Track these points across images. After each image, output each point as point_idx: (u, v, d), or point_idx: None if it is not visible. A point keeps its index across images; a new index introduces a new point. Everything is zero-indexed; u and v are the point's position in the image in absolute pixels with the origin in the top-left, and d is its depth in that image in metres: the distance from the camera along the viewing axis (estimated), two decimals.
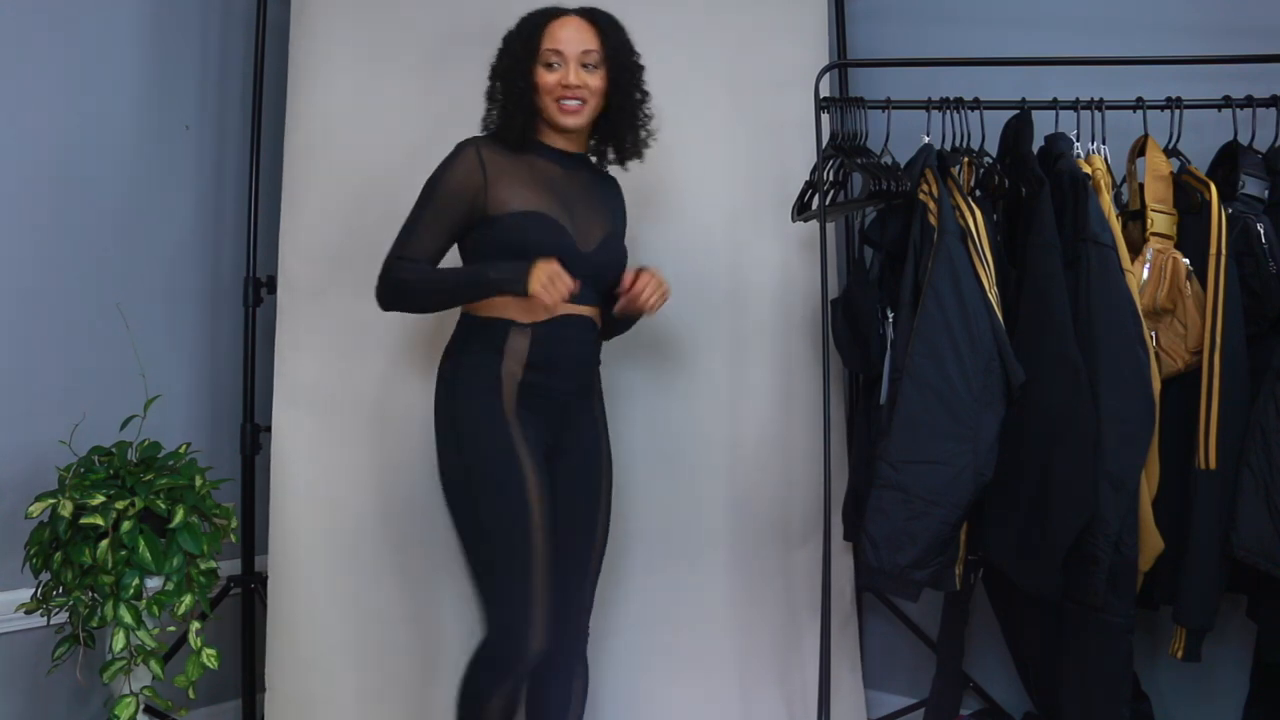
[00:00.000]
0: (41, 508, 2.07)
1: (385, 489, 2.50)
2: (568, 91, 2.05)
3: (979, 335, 2.06)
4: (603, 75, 2.08)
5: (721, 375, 2.59)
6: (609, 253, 2.12)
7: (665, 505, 2.54)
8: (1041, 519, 2.05)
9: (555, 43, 2.06)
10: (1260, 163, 2.18)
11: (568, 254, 2.01)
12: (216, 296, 2.77)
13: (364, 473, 2.49)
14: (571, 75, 2.04)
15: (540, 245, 2.00)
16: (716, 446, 2.58)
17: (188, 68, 2.73)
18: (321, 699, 2.46)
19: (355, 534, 2.50)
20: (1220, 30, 2.41)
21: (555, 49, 2.05)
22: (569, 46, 2.05)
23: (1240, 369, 2.05)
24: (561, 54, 2.05)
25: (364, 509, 2.50)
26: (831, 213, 2.39)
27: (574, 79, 2.04)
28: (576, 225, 2.08)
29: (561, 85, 2.05)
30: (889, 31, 2.86)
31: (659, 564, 2.53)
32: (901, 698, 2.76)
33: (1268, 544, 1.97)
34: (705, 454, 2.57)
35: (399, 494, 2.49)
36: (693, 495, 2.56)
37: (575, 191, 2.11)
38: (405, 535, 2.49)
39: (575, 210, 2.09)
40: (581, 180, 2.15)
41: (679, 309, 2.54)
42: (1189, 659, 2.08)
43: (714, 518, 2.56)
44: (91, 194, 2.51)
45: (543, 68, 2.06)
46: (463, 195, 2.04)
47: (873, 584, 2.13)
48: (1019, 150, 2.23)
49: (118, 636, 2.04)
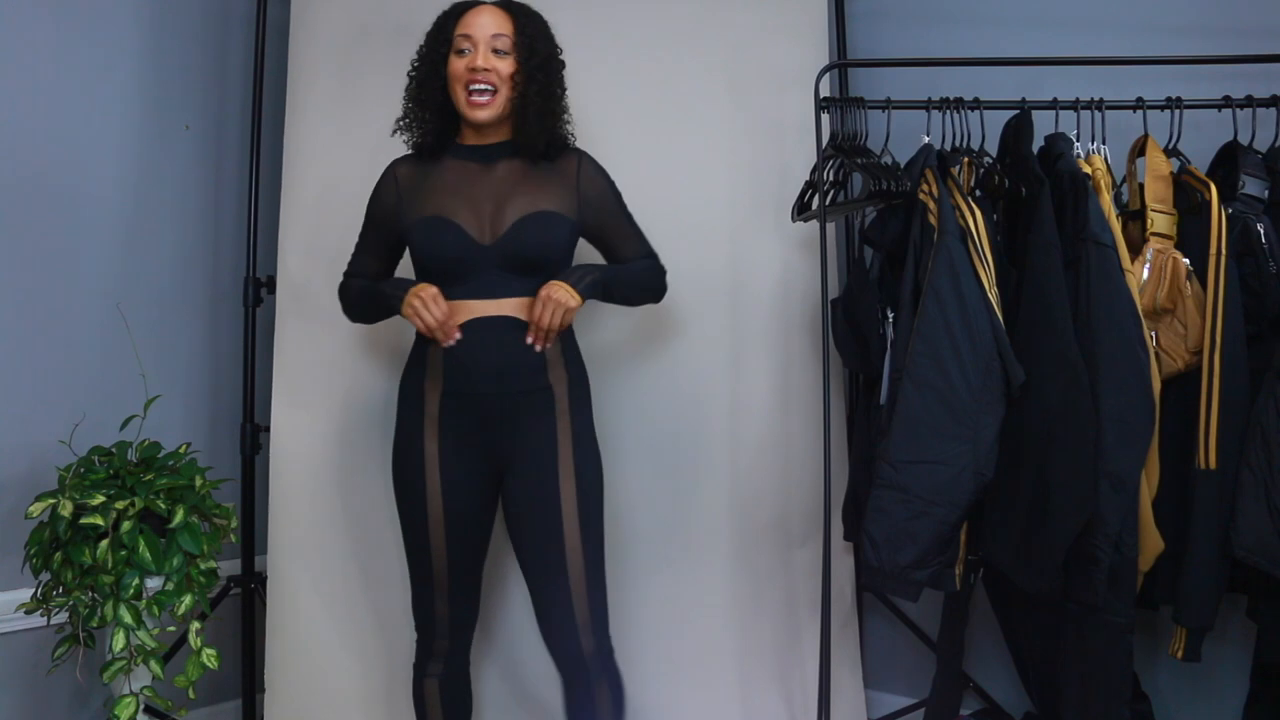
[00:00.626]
0: (41, 508, 2.07)
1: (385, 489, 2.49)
2: (475, 75, 2.04)
3: (979, 335, 2.06)
4: (514, 61, 2.06)
5: (721, 375, 2.59)
6: (519, 235, 2.04)
7: (665, 505, 2.54)
8: (1041, 519, 2.05)
9: (466, 28, 2.06)
10: (1260, 163, 2.18)
11: (465, 251, 2.04)
12: (216, 296, 2.77)
13: (364, 473, 2.49)
14: (480, 59, 2.03)
15: (434, 248, 2.06)
16: (716, 446, 2.58)
17: (188, 68, 2.74)
18: (321, 699, 2.46)
19: (355, 534, 2.50)
20: (1220, 30, 2.41)
21: (466, 34, 2.06)
22: (479, 31, 2.05)
23: (1240, 369, 2.05)
24: (471, 38, 2.05)
25: (364, 509, 2.50)
26: (831, 213, 2.39)
27: (481, 62, 2.03)
28: (482, 219, 2.06)
29: (469, 69, 2.04)
30: (889, 31, 2.86)
31: (659, 564, 2.53)
32: (901, 698, 2.76)
33: (1268, 544, 1.97)
34: (705, 454, 2.57)
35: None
36: (693, 495, 2.56)
37: (490, 184, 2.09)
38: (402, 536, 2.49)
39: (483, 204, 2.07)
40: (503, 170, 2.11)
41: (679, 309, 2.55)
42: (1189, 659, 2.08)
43: (714, 518, 2.56)
44: (92, 194, 2.51)
45: (454, 55, 2.07)
46: (384, 215, 2.17)
47: (873, 584, 2.13)
48: (1019, 150, 2.23)
49: (118, 636, 2.04)
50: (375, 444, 2.51)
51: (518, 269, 2.05)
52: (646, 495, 2.52)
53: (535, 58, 2.07)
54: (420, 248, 2.08)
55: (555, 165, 2.14)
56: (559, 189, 2.11)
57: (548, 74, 2.09)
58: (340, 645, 2.48)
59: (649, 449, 2.54)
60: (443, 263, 2.06)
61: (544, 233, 2.06)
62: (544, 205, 2.08)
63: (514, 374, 2.05)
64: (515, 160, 2.13)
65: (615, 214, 2.18)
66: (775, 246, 2.61)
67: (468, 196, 2.08)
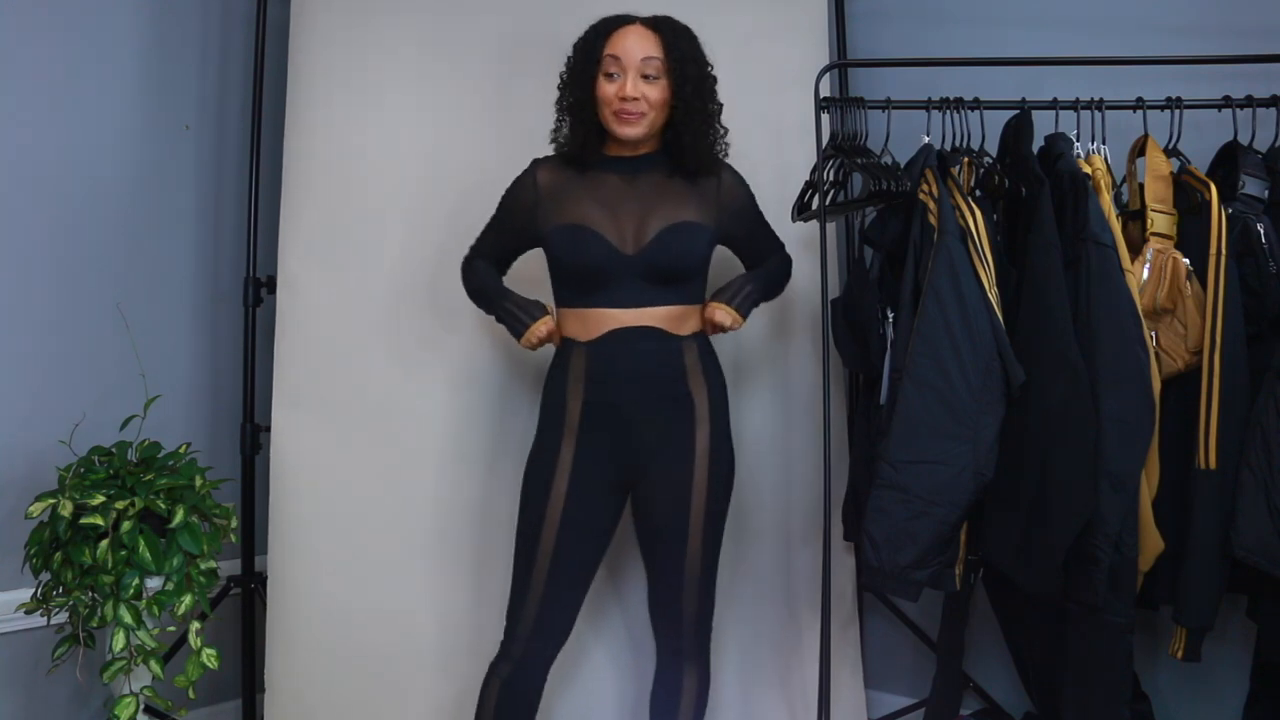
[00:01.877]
0: (41, 508, 2.07)
1: (385, 489, 2.50)
2: (625, 106, 2.04)
3: (979, 335, 2.06)
4: (664, 86, 2.07)
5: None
6: (662, 246, 2.08)
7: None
8: (1041, 519, 2.05)
9: (615, 49, 2.05)
10: (1260, 163, 2.18)
11: (608, 260, 2.06)
12: (216, 296, 2.77)
13: (364, 473, 2.49)
14: (629, 87, 2.03)
15: (576, 255, 2.08)
16: None
17: (188, 68, 2.74)
18: (321, 699, 2.46)
19: (355, 534, 2.50)
20: (1220, 30, 2.41)
21: (614, 55, 2.05)
22: (629, 55, 2.04)
23: (1240, 369, 2.05)
24: (620, 61, 2.05)
25: (364, 509, 2.50)
26: (831, 213, 2.39)
27: (631, 90, 2.03)
28: (624, 230, 2.08)
29: (619, 97, 2.04)
30: (889, 31, 2.86)
31: None
32: (901, 698, 2.76)
33: (1268, 544, 1.96)
34: None
35: (399, 494, 2.49)
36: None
37: (634, 196, 2.12)
38: (406, 535, 2.49)
39: (625, 216, 2.10)
40: (646, 182, 2.13)
41: None
42: (1189, 659, 2.08)
43: None
44: (92, 194, 2.51)
45: (603, 78, 2.07)
46: (516, 211, 2.19)
47: (873, 584, 2.13)
48: (1019, 150, 2.23)
49: (118, 636, 2.04)
50: (375, 444, 2.51)
51: (658, 279, 2.08)
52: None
53: (688, 83, 2.07)
54: (561, 254, 2.11)
55: (694, 181, 2.17)
56: (700, 200, 2.15)
57: (701, 96, 2.09)
58: (340, 645, 2.48)
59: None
60: (584, 270, 2.08)
61: (685, 244, 2.10)
62: (686, 216, 2.11)
63: (654, 382, 2.09)
64: (658, 172, 2.15)
65: (754, 221, 2.27)
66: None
67: (611, 207, 2.10)
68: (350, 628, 2.49)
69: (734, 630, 2.54)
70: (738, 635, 2.55)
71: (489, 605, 2.40)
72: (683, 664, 2.16)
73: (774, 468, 2.58)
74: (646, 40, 2.06)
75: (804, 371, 2.60)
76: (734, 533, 2.56)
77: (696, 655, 2.17)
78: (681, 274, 2.11)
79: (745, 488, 2.57)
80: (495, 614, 2.51)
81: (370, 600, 2.49)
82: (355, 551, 2.50)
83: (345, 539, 2.50)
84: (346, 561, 2.50)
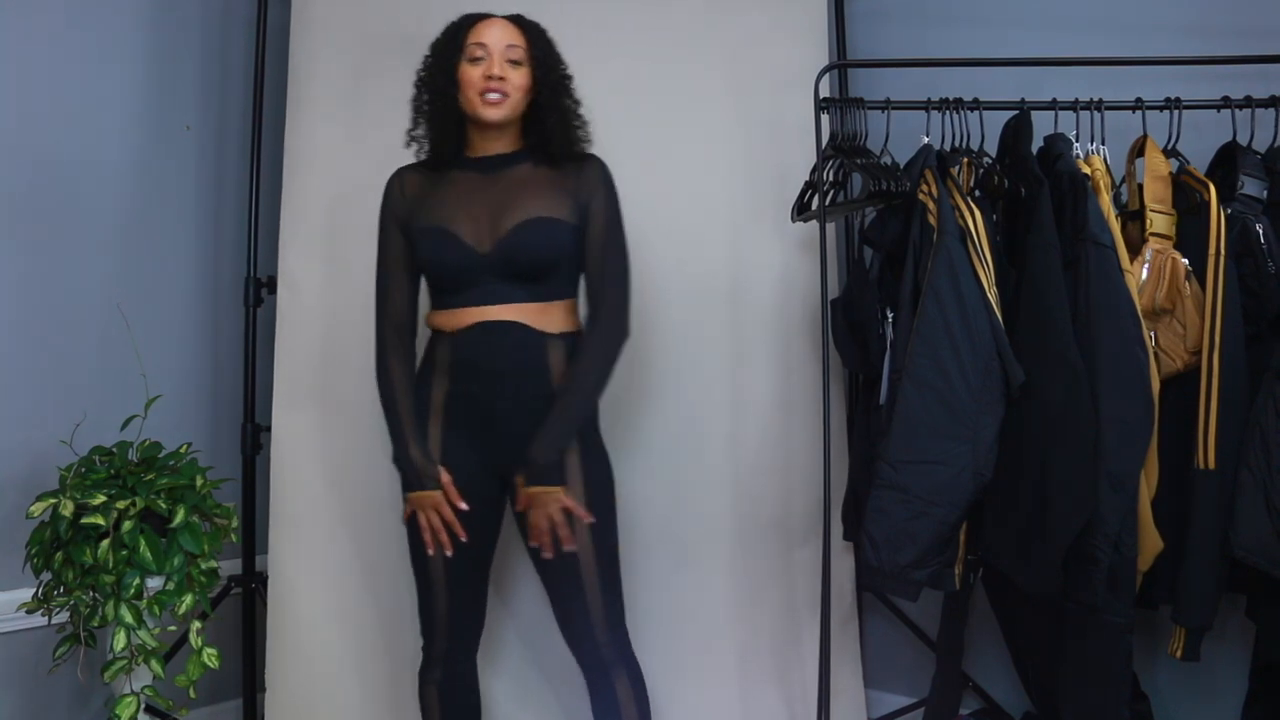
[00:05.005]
0: (42, 507, 2.07)
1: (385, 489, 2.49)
2: (490, 84, 2.05)
3: (978, 335, 2.06)
4: (527, 73, 2.08)
5: (721, 375, 2.59)
6: (516, 243, 2.04)
7: (665, 505, 2.54)
8: (1041, 519, 2.05)
9: (480, 37, 2.08)
10: (1259, 163, 2.18)
11: (465, 260, 2.06)
12: (216, 296, 2.78)
13: (364, 473, 2.49)
14: (495, 67, 2.05)
15: (435, 257, 2.08)
16: (716, 446, 2.58)
17: (188, 68, 2.74)
18: (321, 699, 2.46)
19: (355, 534, 2.50)
20: (1220, 30, 2.41)
21: (480, 42, 2.07)
22: (494, 41, 2.07)
23: (1239, 369, 2.05)
24: (486, 47, 2.07)
25: (364, 509, 2.50)
26: (831, 213, 2.40)
27: (498, 70, 2.05)
28: (481, 228, 2.07)
29: (485, 77, 2.06)
30: (889, 31, 2.86)
31: (659, 564, 2.53)
32: (901, 698, 2.76)
33: (1267, 544, 1.97)
34: (705, 454, 2.57)
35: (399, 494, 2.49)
36: (693, 495, 2.56)
37: (492, 194, 2.10)
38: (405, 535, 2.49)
39: (482, 214, 2.08)
40: (505, 179, 2.12)
41: (679, 309, 2.55)
42: (1188, 658, 2.08)
43: (714, 518, 2.56)
44: (92, 194, 2.51)
45: (467, 63, 2.08)
46: (394, 225, 2.15)
47: (873, 584, 2.13)
48: (1018, 150, 2.23)
49: (118, 636, 2.04)
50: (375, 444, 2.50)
51: (516, 276, 2.06)
52: (647, 495, 2.52)
53: (551, 73, 2.09)
54: (423, 257, 2.10)
55: (562, 171, 2.13)
56: (560, 193, 2.10)
57: (563, 84, 2.11)
58: (340, 645, 2.48)
59: (650, 449, 2.54)
60: (444, 272, 2.08)
61: (539, 239, 2.06)
62: (542, 212, 2.07)
63: (515, 377, 2.06)
64: (519, 169, 2.13)
65: (603, 228, 2.12)
66: (775, 247, 2.61)
67: (468, 206, 2.10)
68: (350, 628, 2.49)
69: (734, 630, 2.55)
70: (738, 635, 2.55)
71: (495, 608, 2.40)
72: (609, 672, 2.11)
73: (774, 468, 2.59)
74: (510, 31, 2.09)
75: (804, 371, 2.61)
76: (734, 532, 2.57)
77: (619, 658, 2.11)
78: (540, 270, 2.06)
79: (746, 488, 2.58)
80: (495, 614, 2.51)
81: (370, 600, 2.50)
82: (355, 551, 2.50)
83: (345, 539, 2.50)
84: (346, 561, 2.50)
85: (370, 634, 2.49)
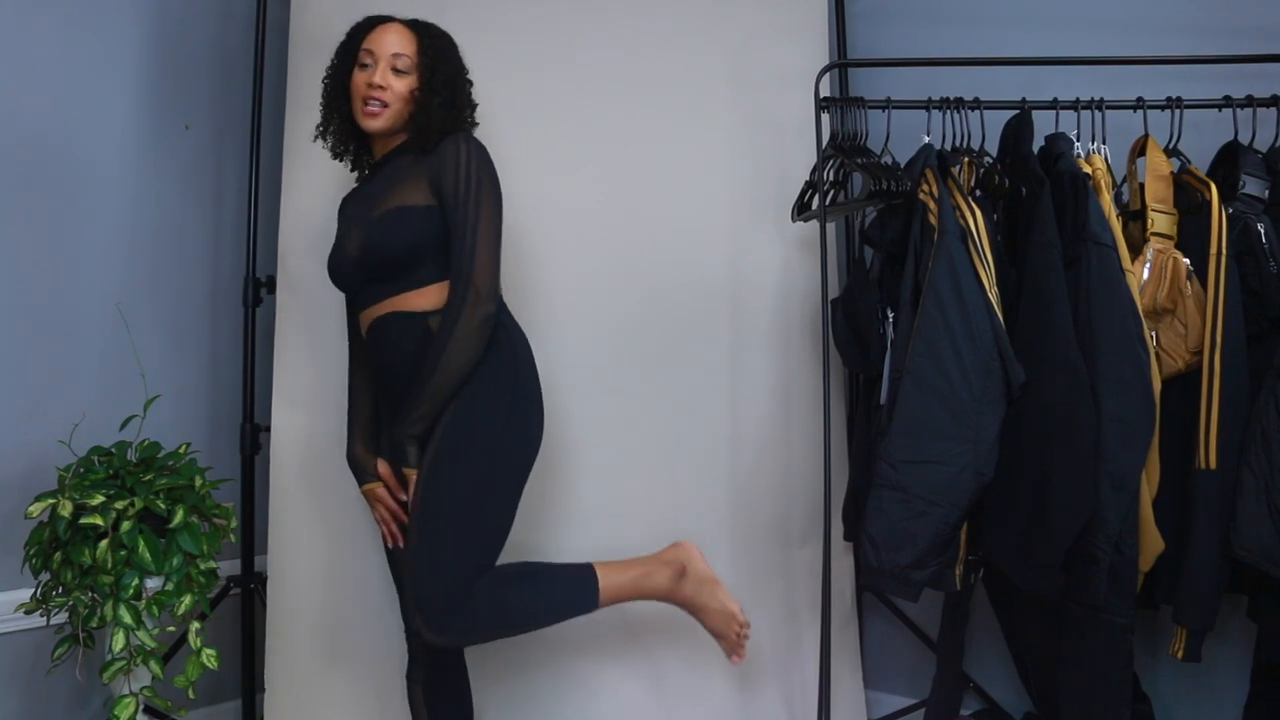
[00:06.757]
0: (41, 508, 2.07)
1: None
2: (370, 92, 2.07)
3: (979, 335, 2.06)
4: (412, 81, 2.09)
5: (721, 375, 2.59)
6: (369, 243, 2.05)
7: (665, 505, 2.54)
8: (1042, 519, 2.05)
9: (370, 44, 2.10)
10: (1260, 162, 2.18)
11: (340, 267, 2.14)
12: (216, 296, 2.77)
13: None
14: (378, 75, 2.06)
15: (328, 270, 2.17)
16: (716, 446, 2.58)
17: (188, 67, 2.74)
18: (321, 699, 2.46)
19: (355, 534, 2.50)
20: (1220, 30, 2.41)
21: (369, 49, 2.10)
22: (381, 48, 2.09)
23: (1240, 369, 2.05)
24: (374, 54, 2.09)
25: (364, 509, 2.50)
26: (831, 213, 2.40)
27: (379, 79, 2.06)
28: (353, 233, 2.11)
29: (366, 84, 2.07)
30: (889, 31, 2.86)
31: None
32: (901, 698, 2.76)
33: (1268, 544, 1.96)
34: (705, 454, 2.57)
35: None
36: (693, 495, 2.56)
37: (368, 196, 2.12)
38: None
39: (357, 219, 2.12)
40: (382, 178, 2.12)
41: (679, 309, 2.55)
42: (1189, 659, 2.08)
43: (714, 518, 2.56)
44: (91, 194, 2.51)
45: (357, 69, 2.11)
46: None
47: (873, 584, 2.13)
48: (1019, 150, 2.23)
49: (117, 636, 2.04)
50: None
51: (382, 270, 2.06)
52: (647, 495, 2.52)
53: (438, 76, 2.08)
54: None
55: (425, 157, 2.08)
56: (418, 180, 2.05)
57: (452, 90, 2.10)
58: (340, 645, 2.48)
59: (649, 449, 2.54)
60: (335, 281, 2.18)
61: (386, 232, 2.04)
62: (394, 203, 2.05)
63: (410, 360, 2.03)
64: (390, 166, 2.13)
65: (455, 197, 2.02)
66: (775, 247, 2.61)
67: (352, 213, 2.16)
68: (350, 628, 2.49)
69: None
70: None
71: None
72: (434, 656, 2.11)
73: (774, 468, 2.58)
74: (402, 37, 2.10)
75: (804, 371, 2.60)
76: (734, 533, 2.56)
77: (416, 646, 2.12)
78: (397, 261, 2.03)
79: (746, 488, 2.57)
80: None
81: (370, 600, 2.49)
82: (354, 552, 2.49)
83: (345, 539, 2.50)
84: (346, 561, 2.49)
85: (369, 634, 2.48)
